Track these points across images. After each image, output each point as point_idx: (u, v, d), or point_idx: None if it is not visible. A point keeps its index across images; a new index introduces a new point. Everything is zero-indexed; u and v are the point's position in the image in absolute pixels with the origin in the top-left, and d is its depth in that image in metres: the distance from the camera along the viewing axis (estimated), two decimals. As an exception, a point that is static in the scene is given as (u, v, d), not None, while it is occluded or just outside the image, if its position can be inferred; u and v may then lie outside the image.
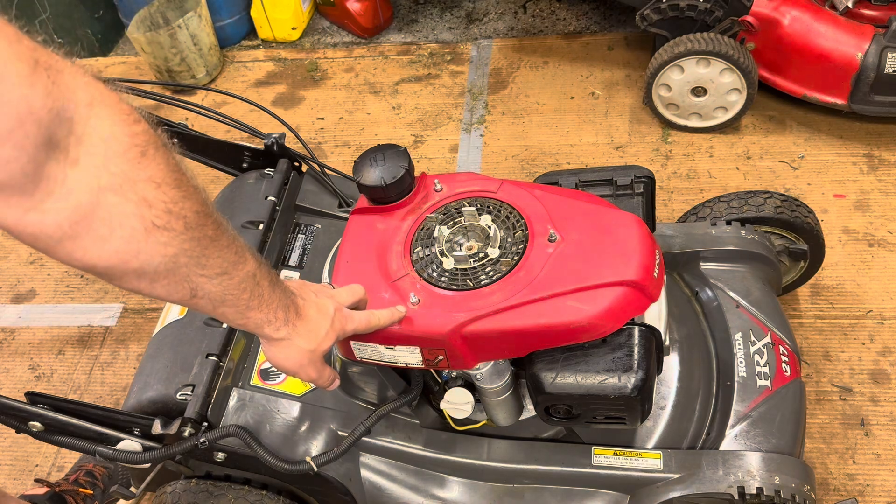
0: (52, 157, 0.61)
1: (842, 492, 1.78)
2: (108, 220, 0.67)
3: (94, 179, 0.65)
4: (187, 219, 0.73)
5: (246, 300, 0.87)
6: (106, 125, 0.65)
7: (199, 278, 0.79)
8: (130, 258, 0.71)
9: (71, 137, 0.63)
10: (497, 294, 1.19)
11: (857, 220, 2.30)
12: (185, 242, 0.75)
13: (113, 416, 1.30)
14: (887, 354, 2.00)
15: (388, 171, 1.32)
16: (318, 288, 1.06)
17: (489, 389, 1.32)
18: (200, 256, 0.77)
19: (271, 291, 0.91)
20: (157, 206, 0.70)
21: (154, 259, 0.73)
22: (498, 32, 3.20)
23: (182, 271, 0.77)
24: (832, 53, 2.33)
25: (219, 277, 0.81)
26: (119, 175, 0.66)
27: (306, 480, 1.42)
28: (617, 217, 1.27)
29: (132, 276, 0.74)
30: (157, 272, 0.74)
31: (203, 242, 0.77)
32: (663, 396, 1.50)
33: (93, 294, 2.42)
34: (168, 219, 0.71)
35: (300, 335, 0.97)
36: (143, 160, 0.68)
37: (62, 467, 2.01)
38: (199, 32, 2.99)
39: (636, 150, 2.61)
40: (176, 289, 0.79)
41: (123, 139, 0.66)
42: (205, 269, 0.79)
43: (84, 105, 0.63)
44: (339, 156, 2.76)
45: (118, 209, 0.67)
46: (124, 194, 0.67)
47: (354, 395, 1.47)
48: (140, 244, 0.70)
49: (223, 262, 0.81)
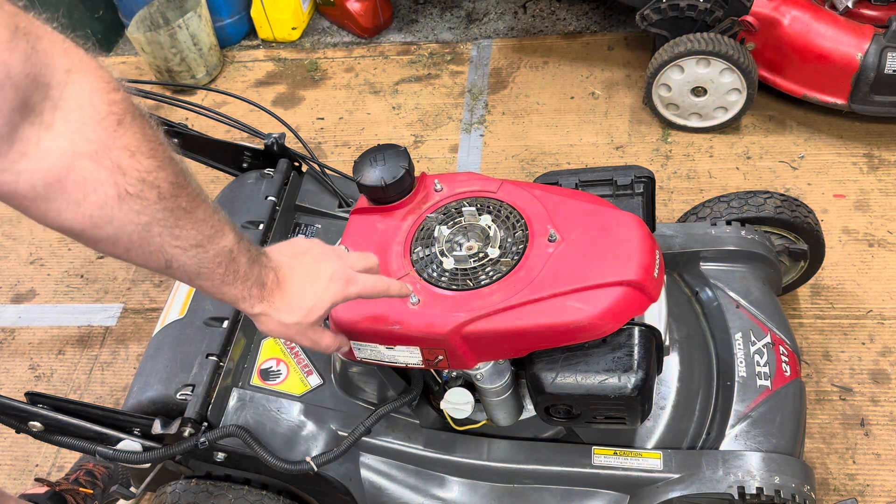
0: (27, 121, 0.63)
1: (842, 492, 1.78)
2: (81, 184, 0.68)
3: (68, 144, 0.66)
4: (161, 189, 0.74)
5: (221, 275, 0.87)
6: (84, 92, 0.66)
7: (174, 249, 0.80)
8: (104, 224, 0.72)
9: (47, 102, 0.64)
10: (497, 294, 1.19)
11: (857, 220, 2.31)
12: (159, 212, 0.75)
13: (113, 416, 1.30)
14: (887, 354, 2.00)
15: (388, 171, 1.32)
16: (322, 252, 1.02)
17: (489, 389, 1.32)
18: (174, 227, 0.78)
19: (248, 268, 0.89)
20: (131, 175, 0.71)
21: (127, 227, 0.74)
22: (498, 32, 3.20)
23: (156, 241, 0.77)
24: (832, 53, 2.33)
25: (193, 250, 0.81)
26: (94, 142, 0.67)
27: (306, 480, 1.42)
28: (617, 217, 1.27)
29: (107, 242, 0.75)
30: (132, 240, 0.76)
31: (177, 213, 0.77)
32: (663, 396, 1.50)
33: (93, 294, 2.43)
34: (141, 187, 0.72)
35: (278, 310, 0.95)
36: (119, 129, 0.69)
37: (62, 467, 2.01)
38: (199, 32, 2.99)
39: (636, 150, 2.61)
40: (151, 258, 0.79)
41: (101, 107, 0.68)
42: (178, 241, 0.79)
43: (62, 71, 0.65)
44: (339, 156, 2.76)
45: (92, 175, 0.68)
46: (99, 161, 0.68)
47: (354, 395, 1.47)
48: (113, 211, 0.72)
49: (198, 234, 0.81)
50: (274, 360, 1.50)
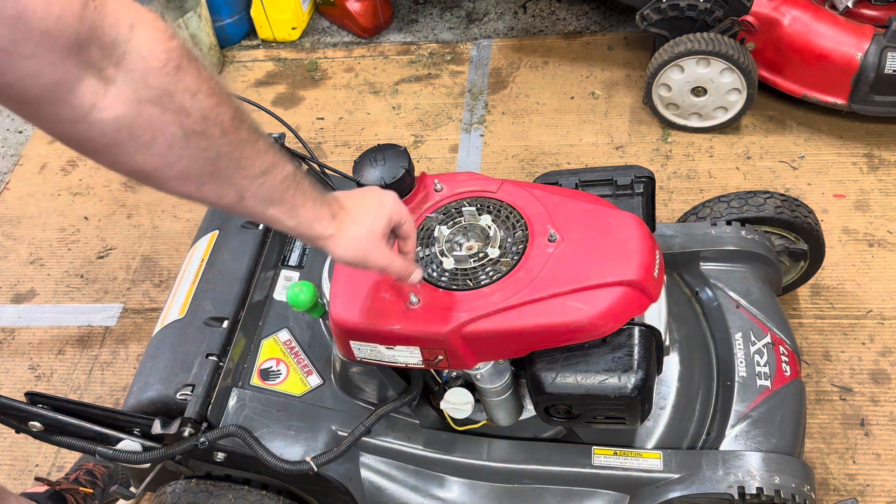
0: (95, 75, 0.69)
1: (842, 492, 1.78)
2: (149, 128, 0.74)
3: (133, 93, 0.72)
4: (223, 124, 0.80)
5: (291, 197, 0.92)
6: (145, 43, 0.72)
7: (243, 179, 0.85)
8: (173, 162, 0.78)
9: (113, 57, 0.70)
10: (497, 294, 1.19)
11: (857, 220, 2.31)
12: (224, 146, 0.81)
13: (113, 416, 1.30)
14: (887, 354, 2.00)
15: (388, 171, 1.32)
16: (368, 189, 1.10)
17: (489, 389, 1.32)
18: (240, 158, 0.84)
19: (313, 189, 0.96)
20: (195, 114, 0.77)
21: (196, 162, 0.80)
22: (498, 32, 3.20)
23: (225, 173, 0.83)
24: (832, 53, 2.33)
25: (262, 177, 0.87)
26: (158, 88, 0.73)
27: (306, 480, 1.42)
28: (617, 217, 1.28)
29: (178, 181, 0.81)
30: (202, 175, 0.81)
31: (241, 146, 0.83)
32: (663, 396, 1.50)
33: (93, 294, 2.43)
34: (205, 125, 0.78)
35: (347, 225, 1.00)
36: (179, 73, 0.74)
37: (62, 467, 2.01)
38: (199, 32, 2.99)
39: (636, 150, 2.61)
40: (224, 191, 0.85)
41: (161, 55, 0.73)
42: (246, 170, 0.85)
43: (126, 27, 0.70)
44: (339, 156, 2.76)
45: (158, 118, 0.74)
46: (163, 105, 0.74)
47: (354, 395, 1.47)
48: (182, 149, 0.77)
49: (262, 163, 0.87)
50: (274, 360, 1.50)
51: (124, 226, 2.61)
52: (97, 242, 2.58)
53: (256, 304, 1.55)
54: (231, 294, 1.50)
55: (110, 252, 2.54)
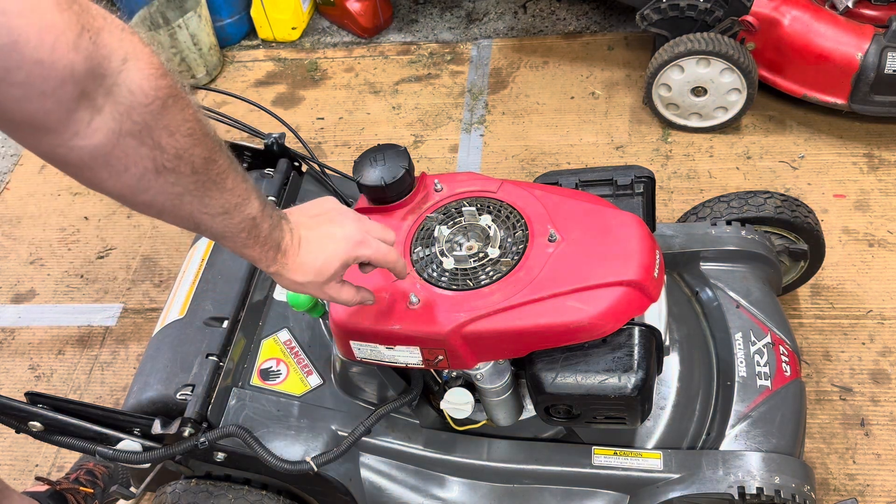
0: (82, 106, 0.69)
1: (842, 492, 1.78)
2: (123, 158, 0.75)
3: (116, 125, 0.72)
4: (195, 164, 0.81)
5: (243, 238, 0.94)
6: (135, 79, 0.72)
7: (202, 216, 0.88)
8: (141, 192, 0.80)
9: (101, 89, 0.70)
10: (497, 294, 1.19)
11: (857, 220, 2.31)
12: (191, 184, 0.83)
13: (113, 416, 1.30)
14: (887, 354, 2.00)
15: (388, 171, 1.32)
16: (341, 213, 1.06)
17: (489, 389, 1.32)
18: (203, 197, 0.85)
19: (269, 233, 0.96)
20: (169, 151, 0.78)
21: (161, 195, 0.82)
22: (498, 32, 3.20)
23: (187, 208, 0.85)
24: (832, 53, 2.33)
25: (220, 216, 0.89)
26: (139, 123, 0.74)
27: (306, 480, 1.42)
28: (617, 217, 1.28)
29: (143, 207, 0.84)
30: (165, 207, 0.84)
31: (207, 185, 0.84)
32: (663, 396, 1.50)
33: (93, 294, 2.43)
34: (177, 163, 0.79)
35: (291, 270, 1.01)
36: (163, 111, 0.75)
37: (62, 467, 2.01)
38: (199, 32, 2.99)
39: (636, 150, 2.61)
40: (181, 222, 0.88)
41: (149, 91, 0.73)
42: (207, 208, 0.87)
43: (119, 60, 0.70)
44: (339, 156, 2.76)
45: (134, 151, 0.75)
46: (141, 139, 0.75)
47: (354, 395, 1.47)
48: (150, 182, 0.79)
49: (225, 203, 0.88)
50: (274, 360, 1.50)
51: (124, 226, 2.62)
52: (97, 242, 2.58)
53: (256, 304, 1.55)
54: (231, 294, 1.50)
55: (110, 252, 2.54)
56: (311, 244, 1.01)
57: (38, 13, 0.62)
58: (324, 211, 1.06)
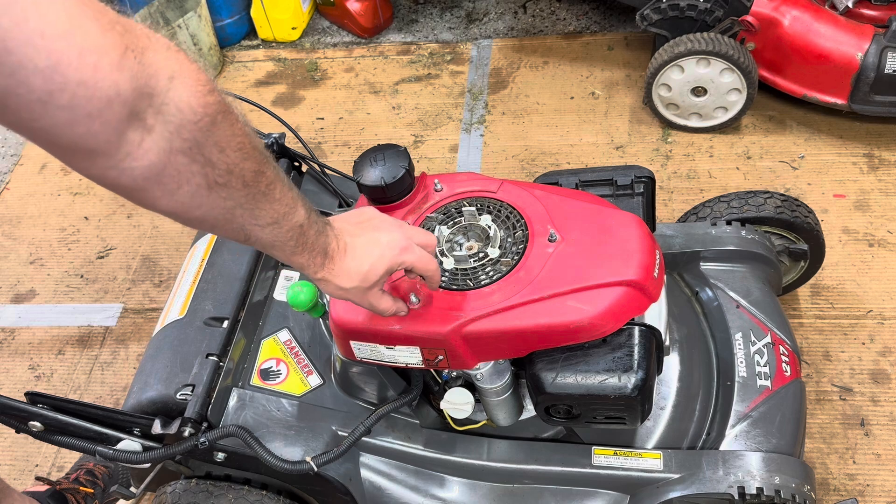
0: (132, 126, 0.69)
1: (842, 492, 1.78)
2: (176, 177, 0.76)
3: (166, 143, 0.72)
4: (245, 178, 0.82)
5: (292, 246, 0.96)
6: (183, 96, 0.72)
7: (253, 227, 0.89)
8: (194, 209, 0.81)
9: (150, 109, 0.70)
10: (497, 294, 1.19)
11: (857, 220, 2.31)
12: (242, 198, 0.84)
13: (113, 416, 1.30)
14: (887, 354, 2.00)
15: (388, 171, 1.32)
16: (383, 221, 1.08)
17: (489, 389, 1.32)
18: (254, 209, 0.87)
19: (315, 239, 0.98)
20: (220, 167, 0.79)
21: (214, 210, 0.83)
22: (498, 32, 3.20)
23: (238, 221, 0.87)
24: (832, 53, 2.33)
25: (270, 227, 0.91)
26: (189, 140, 0.74)
27: (306, 480, 1.42)
28: (617, 217, 1.28)
29: (196, 223, 0.85)
30: (217, 221, 0.85)
31: (257, 197, 0.86)
32: (663, 396, 1.50)
33: (93, 294, 2.43)
34: (228, 178, 0.80)
35: (337, 276, 1.03)
36: (213, 128, 0.75)
37: (62, 467, 2.01)
38: (199, 32, 2.99)
39: (636, 150, 2.61)
40: (233, 234, 0.89)
41: (197, 109, 0.73)
42: (258, 220, 0.89)
43: (165, 78, 0.70)
44: (339, 156, 2.76)
45: (186, 168, 0.76)
46: (192, 156, 0.75)
47: (354, 395, 1.47)
48: (203, 198, 0.80)
49: (275, 213, 0.90)
50: (274, 360, 1.50)
51: (124, 226, 2.62)
52: (97, 242, 2.58)
53: (256, 304, 1.55)
54: (231, 294, 1.50)
55: (110, 252, 2.54)
56: (357, 250, 1.03)
57: (80, 35, 0.62)
58: (367, 218, 1.08)
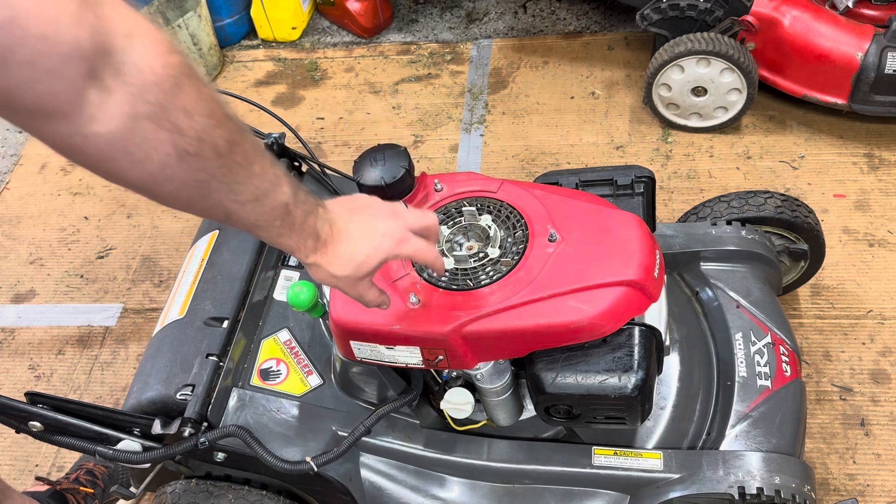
0: (93, 87, 0.66)
1: (842, 492, 1.78)
2: (143, 145, 0.71)
3: (130, 108, 0.69)
4: (218, 146, 0.77)
5: (278, 227, 0.90)
6: (143, 56, 0.68)
7: (232, 203, 0.83)
8: (165, 182, 0.76)
9: (109, 68, 0.66)
10: (497, 294, 1.19)
11: (857, 220, 2.30)
12: (217, 169, 0.78)
13: (113, 416, 1.30)
14: (887, 354, 2.00)
15: (388, 171, 1.32)
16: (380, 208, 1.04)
17: (489, 389, 1.32)
18: (231, 183, 0.81)
19: (303, 220, 0.93)
20: (189, 134, 0.74)
21: (187, 183, 0.77)
22: (498, 32, 3.20)
23: (215, 196, 0.81)
24: (832, 53, 2.33)
25: (250, 204, 0.85)
26: (154, 104, 0.70)
27: (306, 480, 1.42)
28: (617, 217, 1.28)
29: (169, 198, 0.79)
30: (192, 196, 0.79)
31: (234, 170, 0.80)
32: (663, 396, 1.50)
33: (93, 294, 2.42)
34: (200, 146, 0.75)
35: (329, 262, 0.98)
36: (177, 90, 0.71)
37: (62, 467, 2.01)
38: (199, 32, 2.99)
39: (636, 150, 2.61)
40: (211, 212, 0.84)
41: (158, 70, 0.69)
42: (236, 195, 0.83)
43: (122, 36, 0.67)
44: (339, 156, 2.76)
45: (153, 136, 0.71)
46: (159, 122, 0.71)
47: (354, 395, 1.47)
48: (174, 169, 0.75)
49: (255, 189, 0.84)
50: (274, 360, 1.50)
51: (124, 226, 2.61)
52: (97, 242, 2.57)
53: (256, 304, 1.55)
54: (231, 294, 1.50)
55: (110, 252, 2.54)
56: (353, 237, 0.99)
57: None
58: (364, 205, 1.03)
